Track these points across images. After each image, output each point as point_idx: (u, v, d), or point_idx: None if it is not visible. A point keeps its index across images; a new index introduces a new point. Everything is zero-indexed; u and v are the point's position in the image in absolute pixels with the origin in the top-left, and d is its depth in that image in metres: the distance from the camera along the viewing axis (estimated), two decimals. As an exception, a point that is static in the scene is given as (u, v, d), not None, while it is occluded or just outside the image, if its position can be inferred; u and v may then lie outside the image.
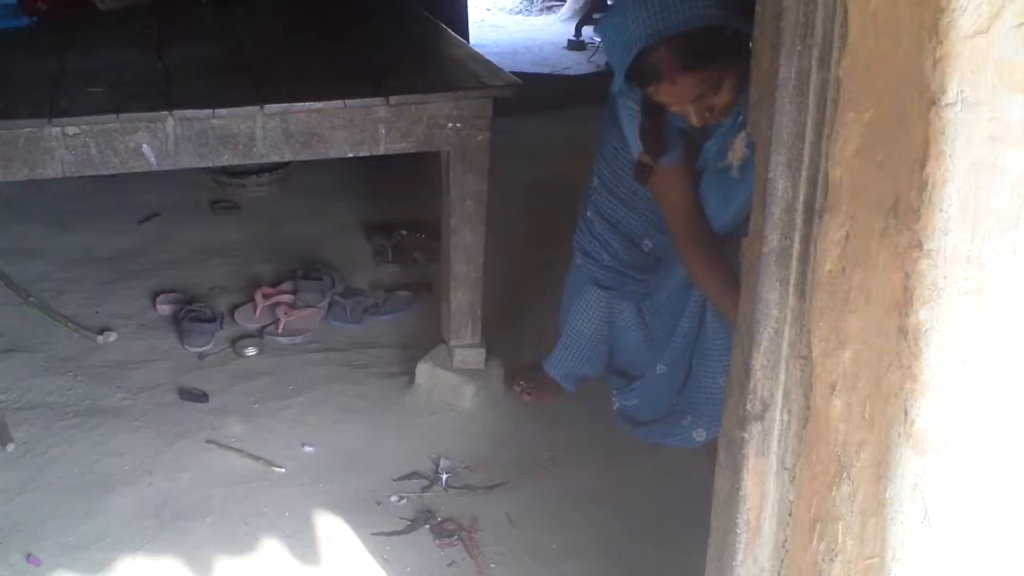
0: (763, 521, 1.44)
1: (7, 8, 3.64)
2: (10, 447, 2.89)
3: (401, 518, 2.68)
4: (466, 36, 5.11)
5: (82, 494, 2.73)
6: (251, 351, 3.38)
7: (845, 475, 1.25)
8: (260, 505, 2.71)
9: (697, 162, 2.53)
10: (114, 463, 2.85)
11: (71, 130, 2.60)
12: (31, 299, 3.65)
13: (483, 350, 3.14)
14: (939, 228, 1.07)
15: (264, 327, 3.52)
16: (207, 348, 3.40)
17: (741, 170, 2.37)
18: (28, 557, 2.53)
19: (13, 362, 3.31)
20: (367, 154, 2.87)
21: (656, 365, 2.86)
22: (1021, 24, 1.01)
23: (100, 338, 3.44)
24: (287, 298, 3.61)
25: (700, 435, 2.76)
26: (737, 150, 2.35)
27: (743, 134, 2.32)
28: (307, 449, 2.93)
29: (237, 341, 3.43)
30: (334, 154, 2.84)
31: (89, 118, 2.61)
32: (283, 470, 2.84)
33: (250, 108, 2.70)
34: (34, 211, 4.26)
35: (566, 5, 8.51)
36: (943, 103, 1.04)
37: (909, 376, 1.13)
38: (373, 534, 2.62)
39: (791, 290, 1.32)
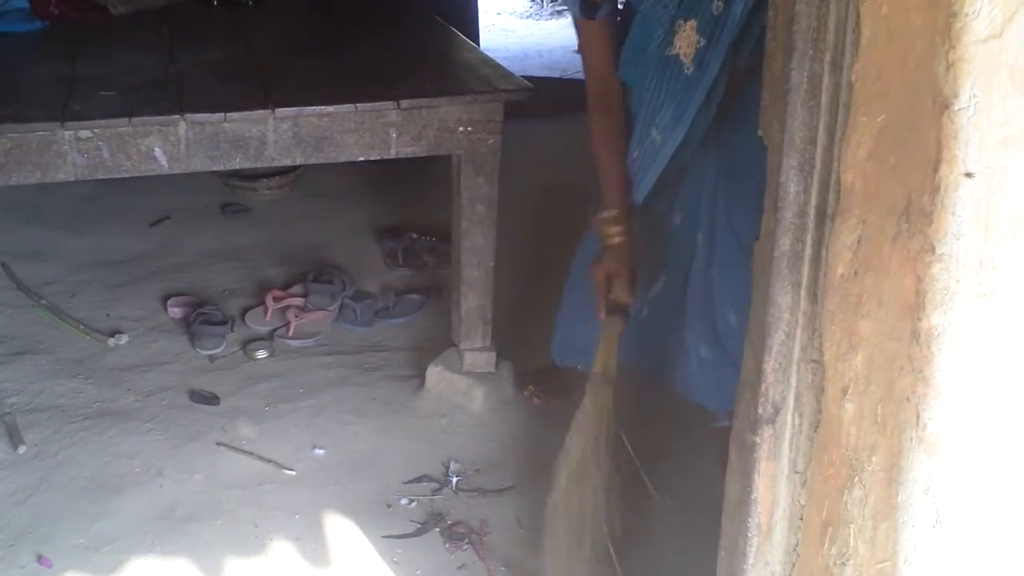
0: (774, 525, 1.44)
1: (19, 12, 3.66)
2: (21, 449, 2.90)
3: (411, 521, 2.68)
4: (476, 40, 5.11)
5: (93, 496, 2.74)
6: (262, 354, 3.39)
7: (857, 479, 1.25)
8: (270, 507, 2.72)
9: (641, 45, 2.51)
10: (125, 465, 2.86)
11: (83, 134, 2.61)
12: (42, 302, 3.67)
13: (493, 353, 3.15)
14: (951, 232, 1.07)
15: (275, 330, 3.53)
16: (218, 351, 3.41)
17: (696, 65, 2.35)
18: (39, 559, 2.54)
19: (24, 365, 3.32)
20: (378, 158, 2.88)
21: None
22: (1034, 28, 1.01)
23: (111, 341, 3.45)
24: (298, 301, 3.62)
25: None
26: (684, 41, 2.35)
27: (692, 23, 2.32)
28: (317, 452, 2.93)
29: (248, 344, 3.44)
30: (345, 158, 2.85)
31: (101, 122, 2.63)
32: (293, 472, 2.85)
33: (261, 112, 2.71)
34: (46, 214, 4.28)
35: (576, 9, 8.50)
36: (956, 107, 1.04)
37: (921, 380, 1.13)
38: (383, 537, 2.62)
39: (803, 294, 1.32)
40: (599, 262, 2.58)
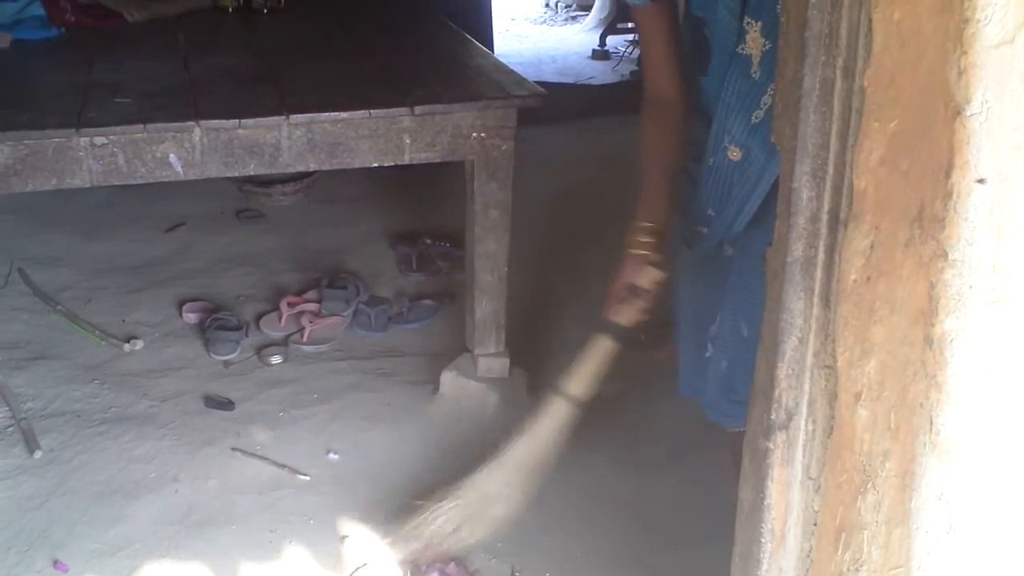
0: (788, 531, 1.44)
1: (36, 20, 3.68)
2: (37, 454, 2.91)
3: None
4: (490, 46, 5.12)
5: (108, 501, 2.75)
6: (276, 359, 3.40)
7: (870, 485, 1.25)
8: (285, 512, 2.72)
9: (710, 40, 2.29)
10: (140, 470, 2.87)
11: (99, 140, 2.62)
12: (58, 307, 3.68)
13: (507, 359, 3.15)
14: (964, 238, 1.07)
15: (289, 336, 3.53)
16: (233, 356, 3.42)
17: (760, 67, 2.17)
18: (55, 563, 2.55)
19: (40, 370, 3.34)
20: (392, 164, 2.88)
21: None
22: (1047, 34, 1.01)
23: (126, 346, 3.47)
24: (312, 307, 3.63)
25: None
26: (753, 41, 2.17)
27: (759, 24, 2.14)
28: (331, 457, 2.94)
29: (263, 349, 3.45)
30: (359, 164, 2.86)
31: (117, 128, 2.64)
32: (307, 478, 2.85)
33: (276, 118, 2.72)
34: (61, 220, 4.30)
35: (591, 15, 8.52)
36: (968, 113, 1.04)
37: (935, 386, 1.13)
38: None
39: (816, 300, 1.32)
40: (621, 272, 2.38)
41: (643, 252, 2.35)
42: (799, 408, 1.38)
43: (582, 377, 2.34)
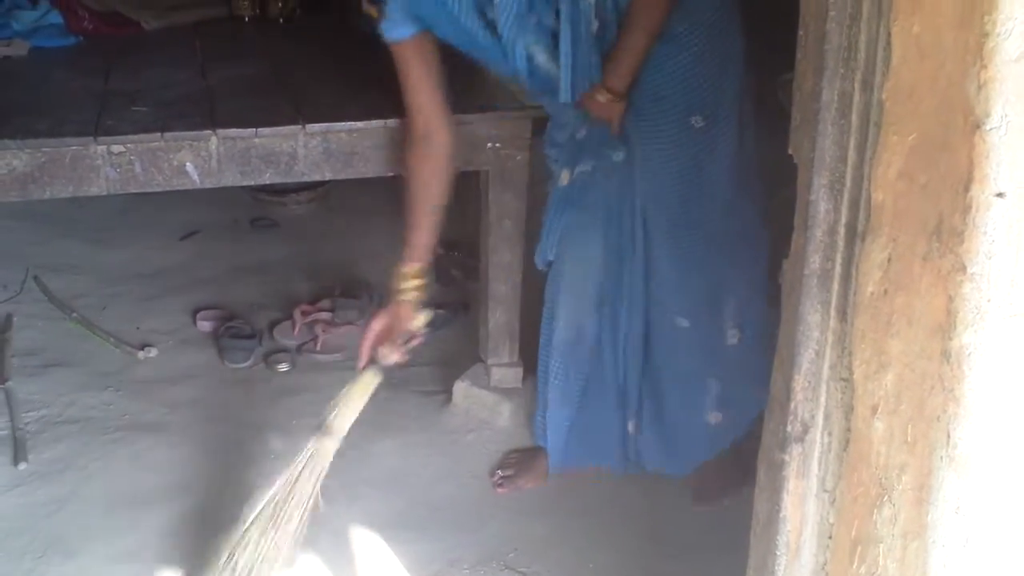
0: (803, 543, 1.44)
1: (54, 28, 3.70)
2: (22, 466, 2.90)
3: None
4: (505, 56, 5.12)
5: (122, 509, 2.76)
6: (283, 367, 3.41)
7: (886, 498, 1.25)
8: (298, 521, 2.72)
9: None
10: (153, 478, 2.88)
11: (116, 148, 2.64)
12: (73, 315, 3.69)
13: (520, 369, 3.15)
14: (983, 251, 1.07)
15: (303, 344, 3.54)
16: (246, 364, 3.42)
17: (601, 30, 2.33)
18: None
19: (55, 377, 3.35)
20: (407, 173, 2.89)
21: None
22: (1067, 49, 1.01)
23: (141, 354, 3.48)
24: (325, 315, 3.64)
25: (715, 417, 2.67)
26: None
27: None
28: (344, 466, 2.93)
29: (270, 356, 3.45)
30: (374, 173, 2.87)
31: (134, 136, 2.65)
32: (320, 487, 2.85)
33: (292, 127, 2.73)
34: (78, 228, 4.32)
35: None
36: (987, 127, 1.04)
37: (952, 399, 1.13)
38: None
39: (832, 312, 1.32)
40: (383, 313, 2.55)
41: (413, 298, 2.53)
42: (815, 420, 1.38)
43: (347, 414, 2.50)
